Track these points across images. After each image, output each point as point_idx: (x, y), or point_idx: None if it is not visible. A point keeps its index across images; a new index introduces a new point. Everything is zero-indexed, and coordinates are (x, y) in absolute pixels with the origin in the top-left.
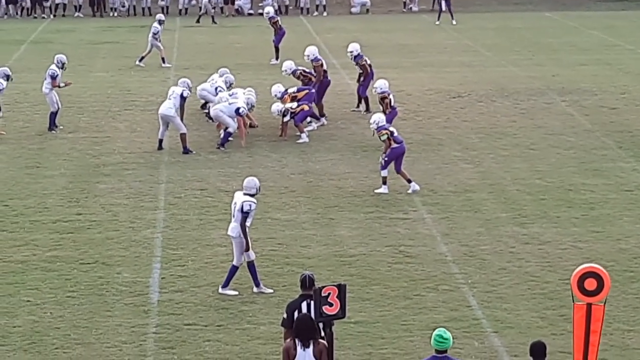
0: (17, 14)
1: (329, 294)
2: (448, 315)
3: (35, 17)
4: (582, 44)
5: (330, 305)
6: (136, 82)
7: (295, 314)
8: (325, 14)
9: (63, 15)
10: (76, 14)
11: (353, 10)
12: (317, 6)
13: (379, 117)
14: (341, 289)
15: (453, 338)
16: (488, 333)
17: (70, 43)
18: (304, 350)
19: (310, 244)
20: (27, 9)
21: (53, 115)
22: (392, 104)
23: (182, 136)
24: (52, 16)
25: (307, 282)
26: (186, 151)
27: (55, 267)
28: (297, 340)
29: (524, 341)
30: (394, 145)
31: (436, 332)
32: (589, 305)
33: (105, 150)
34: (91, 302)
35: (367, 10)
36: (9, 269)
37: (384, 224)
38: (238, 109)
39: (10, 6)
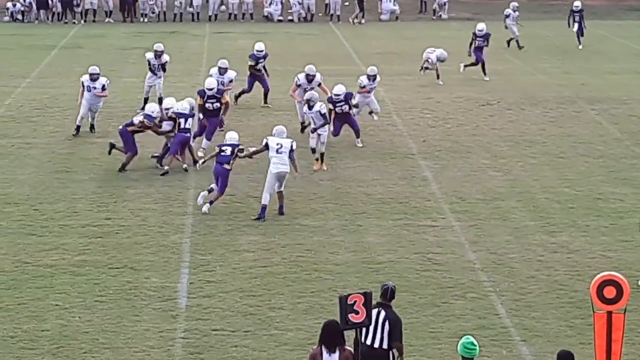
0: (48, 19)
1: (355, 302)
2: (476, 323)
3: (66, 23)
4: (612, 53)
5: (357, 313)
6: (165, 88)
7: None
8: (357, 21)
9: (94, 21)
10: (107, 19)
11: (382, 17)
12: (357, 15)
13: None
14: (367, 297)
15: (481, 346)
16: (516, 341)
17: (101, 48)
18: (329, 355)
19: (339, 251)
20: (58, 14)
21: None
22: None
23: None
24: (82, 21)
25: (387, 294)
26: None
27: (84, 271)
28: (323, 347)
29: (552, 350)
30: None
31: (463, 339)
32: (609, 313)
33: None
34: (119, 306)
35: (397, 17)
36: (38, 273)
37: (412, 231)
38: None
39: (41, 11)
